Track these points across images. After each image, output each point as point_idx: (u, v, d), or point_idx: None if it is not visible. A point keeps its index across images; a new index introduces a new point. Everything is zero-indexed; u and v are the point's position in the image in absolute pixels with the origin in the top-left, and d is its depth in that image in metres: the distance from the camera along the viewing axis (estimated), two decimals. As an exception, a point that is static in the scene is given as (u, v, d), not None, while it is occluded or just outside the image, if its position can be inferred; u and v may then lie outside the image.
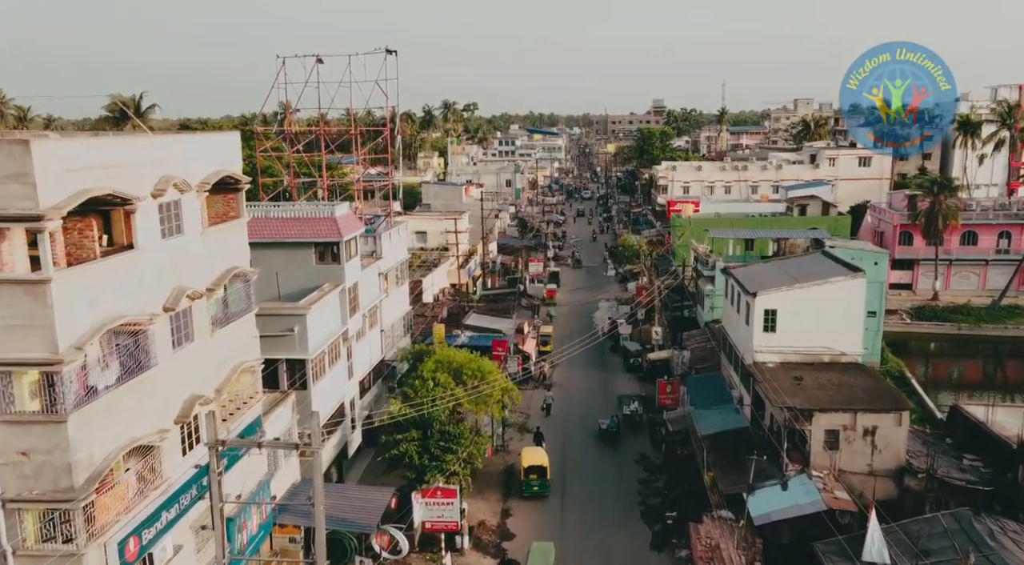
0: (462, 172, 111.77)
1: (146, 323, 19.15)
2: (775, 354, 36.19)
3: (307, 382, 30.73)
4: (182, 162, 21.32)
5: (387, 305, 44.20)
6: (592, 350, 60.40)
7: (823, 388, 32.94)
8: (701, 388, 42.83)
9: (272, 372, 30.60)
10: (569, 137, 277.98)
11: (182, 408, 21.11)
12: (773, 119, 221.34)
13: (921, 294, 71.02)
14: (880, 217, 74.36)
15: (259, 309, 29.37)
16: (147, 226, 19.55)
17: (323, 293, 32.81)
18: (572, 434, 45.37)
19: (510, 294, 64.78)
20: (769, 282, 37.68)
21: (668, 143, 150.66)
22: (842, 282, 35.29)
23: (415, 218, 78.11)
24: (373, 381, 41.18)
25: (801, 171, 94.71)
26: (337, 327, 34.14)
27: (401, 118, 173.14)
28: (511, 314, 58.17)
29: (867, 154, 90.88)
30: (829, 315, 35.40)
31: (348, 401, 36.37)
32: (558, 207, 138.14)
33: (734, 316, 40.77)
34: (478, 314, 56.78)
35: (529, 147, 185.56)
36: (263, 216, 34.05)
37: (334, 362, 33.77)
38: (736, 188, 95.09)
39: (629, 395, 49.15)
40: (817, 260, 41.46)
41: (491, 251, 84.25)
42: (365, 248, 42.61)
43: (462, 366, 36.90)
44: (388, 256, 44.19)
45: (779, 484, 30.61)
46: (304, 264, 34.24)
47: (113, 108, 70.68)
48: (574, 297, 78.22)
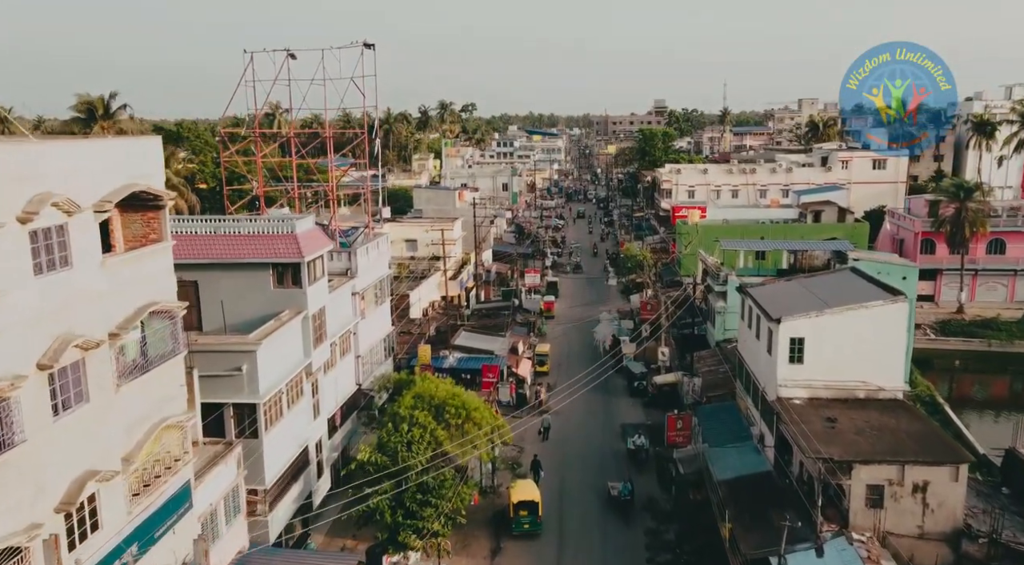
0: (457, 175, 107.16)
1: (6, 390, 14.54)
2: (803, 388, 31.56)
3: (258, 429, 26.11)
4: (71, 176, 16.73)
5: (364, 328, 39.62)
6: (592, 369, 55.87)
7: (862, 433, 28.30)
8: (715, 421, 38.25)
9: (218, 418, 26.03)
10: (569, 138, 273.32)
11: (68, 491, 16.51)
12: (777, 119, 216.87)
13: (945, 306, 66.35)
14: (899, 224, 69.71)
15: (199, 345, 24.82)
16: (7, 260, 14.94)
17: (280, 323, 28.20)
18: (571, 463, 40.87)
19: (504, 308, 60.16)
20: (794, 306, 33.06)
21: (670, 144, 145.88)
22: (881, 307, 30.64)
23: (404, 225, 73.65)
24: (346, 415, 36.59)
25: (812, 174, 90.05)
26: (299, 360, 29.53)
27: (396, 119, 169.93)
28: (505, 331, 53.53)
29: (882, 156, 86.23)
30: (866, 345, 30.77)
31: (314, 443, 31.76)
32: (557, 211, 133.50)
33: (752, 341, 36.14)
34: (468, 332, 52.14)
35: (528, 148, 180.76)
36: (211, 233, 29.43)
37: (295, 401, 29.16)
38: (744, 192, 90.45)
39: (634, 424, 44.60)
40: (847, 279, 36.81)
41: (486, 260, 79.65)
42: (338, 265, 38.07)
43: (444, 402, 32.31)
44: (365, 273, 39.62)
45: (813, 549, 25.92)
46: (261, 288, 29.62)
47: (80, 108, 66.09)
48: (573, 310, 73.61)
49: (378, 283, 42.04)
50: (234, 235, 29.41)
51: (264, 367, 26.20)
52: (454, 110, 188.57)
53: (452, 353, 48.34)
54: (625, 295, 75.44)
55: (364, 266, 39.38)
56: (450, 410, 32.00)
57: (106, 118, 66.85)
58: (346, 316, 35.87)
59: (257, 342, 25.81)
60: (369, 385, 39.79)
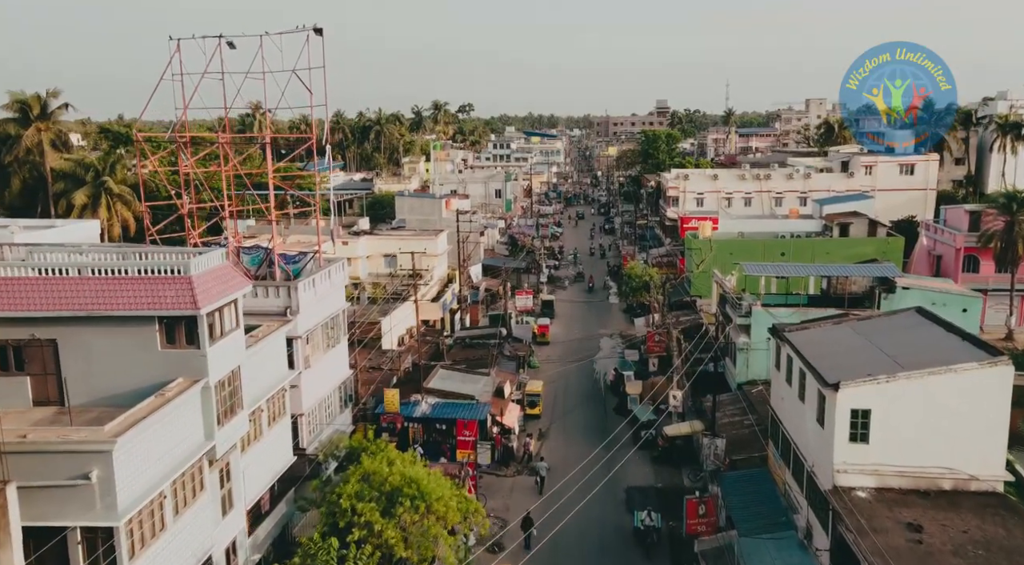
0: (446, 181, 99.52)
1: None
2: (868, 476, 23.95)
3: (118, 559, 18.46)
4: None
5: (310, 379, 32.03)
6: (591, 411, 48.26)
7: (960, 551, 20.64)
8: (744, 495, 30.64)
9: (61, 543, 18.43)
10: (569, 139, 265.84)
11: None
12: (783, 121, 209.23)
13: (990, 331, 58.40)
14: (937, 239, 62.03)
15: (24, 442, 17.31)
16: None
17: (161, 401, 20.58)
18: (567, 548, 33.19)
19: (491, 336, 52.49)
20: (853, 364, 25.43)
21: (675, 147, 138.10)
22: (976, 372, 23.03)
23: (382, 238, 66.08)
24: (280, 495, 28.98)
25: (832, 180, 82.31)
26: (194, 447, 21.89)
27: (388, 120, 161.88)
28: (490, 367, 45.83)
29: (909, 160, 78.57)
30: (953, 421, 23.17)
31: (224, 548, 24.13)
32: (555, 217, 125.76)
33: (793, 401, 28.51)
34: (447, 370, 44.49)
35: (525, 150, 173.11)
36: (74, 273, 21.77)
37: (189, 503, 21.53)
38: (757, 200, 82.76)
39: (641, 489, 37.05)
40: (914, 323, 29.12)
41: (475, 275, 72.03)
42: (274, 303, 30.50)
43: (397, 490, 24.78)
44: (311, 312, 32.01)
45: None
46: (145, 349, 22.00)
47: (13, 107, 58.58)
48: (571, 332, 66.05)
49: (330, 321, 34.44)
50: (107, 277, 21.77)
51: (127, 471, 18.58)
52: (448, 110, 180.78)
53: (425, 398, 40.78)
54: (628, 314, 67.87)
55: (309, 303, 31.78)
56: (404, 502, 24.45)
57: (43, 118, 59.33)
58: (278, 372, 28.24)
59: (112, 439, 18.16)
60: (316, 449, 32.23)
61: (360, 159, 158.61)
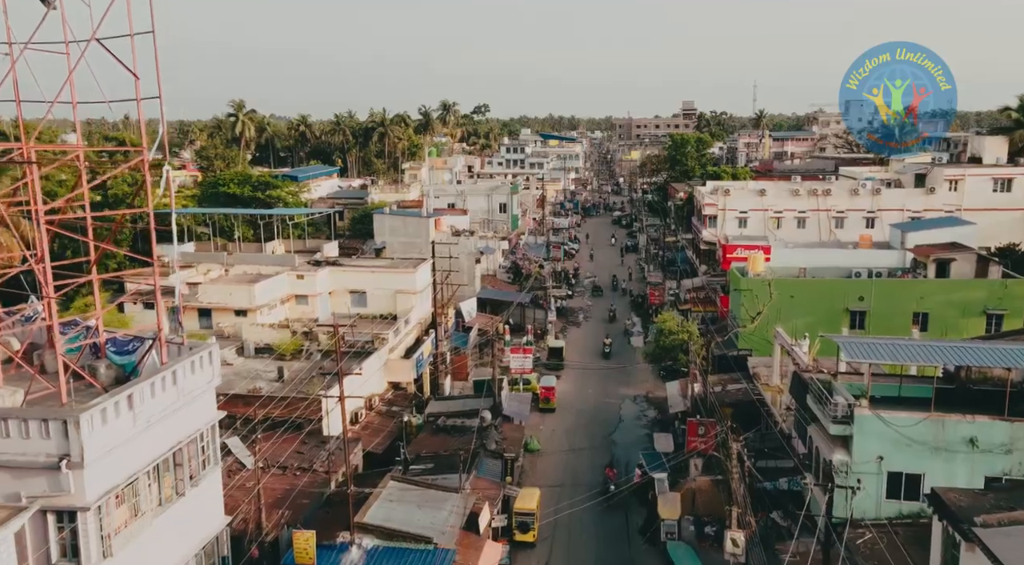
0: (442, 193, 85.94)
1: None
2: None
3: None
4: None
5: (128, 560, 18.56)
6: (609, 531, 34.46)
7: None
8: None
9: None
10: (590, 142, 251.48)
11: None
12: (822, 124, 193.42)
13: None
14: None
15: None
16: None
17: None
18: None
19: (474, 412, 38.83)
20: None
21: (705, 152, 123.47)
22: None
23: (346, 271, 52.65)
24: None
25: (907, 197, 67.61)
26: None
27: (393, 121, 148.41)
28: (465, 474, 32.03)
29: (1007, 173, 63.92)
30: None
31: None
32: (571, 231, 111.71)
33: None
34: (399, 484, 30.73)
35: (541, 155, 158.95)
36: None
37: None
38: (813, 220, 68.39)
39: None
40: None
41: (468, 312, 58.50)
42: (44, 446, 17.16)
43: None
44: (127, 453, 18.56)
45: None
46: None
47: None
48: (584, 388, 52.30)
49: (176, 455, 20.92)
50: None
51: None
52: (458, 111, 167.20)
53: (359, 540, 27.17)
54: (656, 366, 53.84)
55: (119, 440, 18.31)
56: None
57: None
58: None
59: None
60: None
61: (362, 164, 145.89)
